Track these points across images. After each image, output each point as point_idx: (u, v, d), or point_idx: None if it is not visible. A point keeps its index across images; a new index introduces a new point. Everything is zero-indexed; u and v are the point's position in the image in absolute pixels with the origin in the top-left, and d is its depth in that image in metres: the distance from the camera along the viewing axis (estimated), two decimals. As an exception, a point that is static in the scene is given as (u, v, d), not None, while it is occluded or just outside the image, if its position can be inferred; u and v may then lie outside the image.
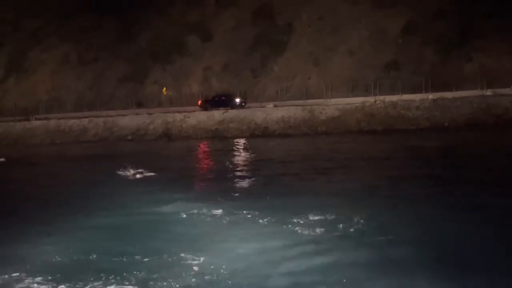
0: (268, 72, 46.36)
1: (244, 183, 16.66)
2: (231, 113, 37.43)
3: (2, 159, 27.50)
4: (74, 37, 54.23)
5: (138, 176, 18.84)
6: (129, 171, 19.37)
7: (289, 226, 10.62)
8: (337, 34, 45.79)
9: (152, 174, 19.00)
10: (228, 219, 11.59)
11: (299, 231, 10.27)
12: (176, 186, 16.43)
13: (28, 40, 55.75)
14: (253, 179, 17.35)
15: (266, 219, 11.26)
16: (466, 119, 31.80)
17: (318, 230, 10.18)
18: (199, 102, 41.15)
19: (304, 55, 45.87)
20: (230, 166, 20.76)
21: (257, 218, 11.42)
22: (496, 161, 18.56)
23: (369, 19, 45.10)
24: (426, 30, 42.07)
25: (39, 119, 44.80)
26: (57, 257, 9.47)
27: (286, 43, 47.15)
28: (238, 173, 18.76)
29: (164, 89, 47.05)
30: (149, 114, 40.46)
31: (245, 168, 20.46)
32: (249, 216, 11.68)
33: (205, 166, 23.32)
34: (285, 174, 18.13)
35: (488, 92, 35.19)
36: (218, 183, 17.14)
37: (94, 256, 9.36)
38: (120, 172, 19.46)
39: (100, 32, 53.80)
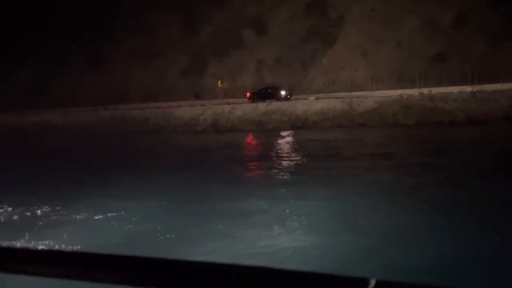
0: (317, 65, 47.62)
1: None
2: (275, 105, 39.39)
3: None
4: (143, 32, 58.56)
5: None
6: None
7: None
8: (387, 25, 46.00)
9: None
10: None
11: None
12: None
13: (103, 36, 60.87)
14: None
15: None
16: (503, 112, 31.47)
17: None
18: (248, 94, 43.46)
19: (353, 47, 46.56)
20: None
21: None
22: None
23: (421, 9, 44.85)
24: (477, 21, 41.28)
25: (108, 109, 49.44)
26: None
27: (336, 36, 48.06)
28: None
29: (220, 81, 49.90)
30: (202, 105, 43.48)
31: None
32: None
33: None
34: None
35: (538, 85, 34.24)
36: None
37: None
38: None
39: (166, 27, 57.67)
